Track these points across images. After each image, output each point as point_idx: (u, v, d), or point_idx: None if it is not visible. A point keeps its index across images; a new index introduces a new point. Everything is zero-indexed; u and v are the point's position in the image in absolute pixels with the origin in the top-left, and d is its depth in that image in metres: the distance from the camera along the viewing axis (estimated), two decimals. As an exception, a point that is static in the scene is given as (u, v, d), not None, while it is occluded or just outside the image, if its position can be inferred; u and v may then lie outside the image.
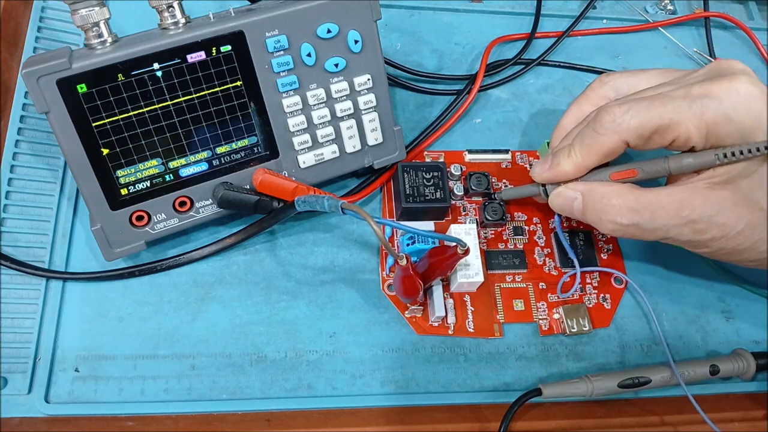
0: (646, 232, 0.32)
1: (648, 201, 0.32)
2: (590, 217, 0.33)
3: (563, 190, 0.34)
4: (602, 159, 0.33)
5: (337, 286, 0.38)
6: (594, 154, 0.33)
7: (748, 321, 0.40)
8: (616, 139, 0.31)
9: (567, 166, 0.33)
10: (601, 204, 0.33)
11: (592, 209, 0.33)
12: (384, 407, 0.35)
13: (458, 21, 0.48)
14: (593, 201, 0.33)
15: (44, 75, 0.30)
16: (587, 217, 0.33)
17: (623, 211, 0.32)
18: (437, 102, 0.45)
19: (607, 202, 0.32)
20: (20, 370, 0.33)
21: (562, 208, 0.35)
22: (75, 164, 0.32)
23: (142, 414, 0.33)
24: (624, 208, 0.32)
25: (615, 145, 0.32)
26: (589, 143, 0.32)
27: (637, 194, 0.32)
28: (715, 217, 0.31)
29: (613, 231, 0.33)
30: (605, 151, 0.32)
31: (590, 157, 0.33)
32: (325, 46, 0.34)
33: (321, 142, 0.37)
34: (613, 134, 0.31)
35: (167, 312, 0.36)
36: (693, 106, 0.29)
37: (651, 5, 0.52)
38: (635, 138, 0.31)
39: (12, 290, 0.35)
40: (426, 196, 0.37)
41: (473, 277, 0.35)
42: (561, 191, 0.34)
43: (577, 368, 0.37)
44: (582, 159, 0.33)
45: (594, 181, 0.33)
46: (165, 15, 0.32)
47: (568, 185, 0.34)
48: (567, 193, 0.34)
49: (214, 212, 0.36)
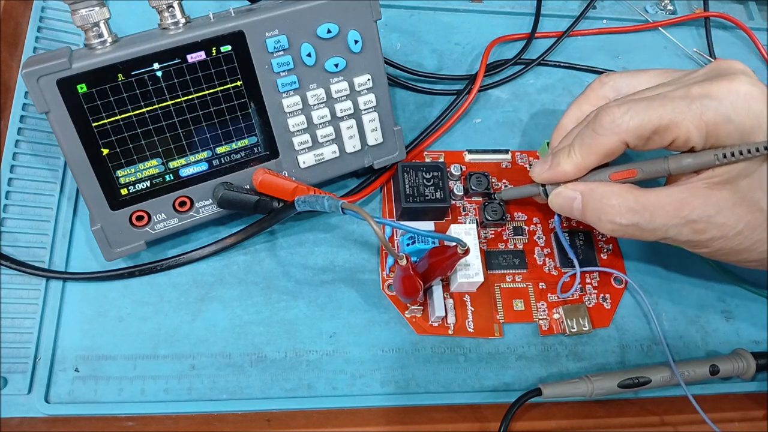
0: (645, 233, 0.32)
1: (647, 201, 0.32)
2: (590, 217, 0.33)
3: (563, 190, 0.34)
4: (602, 159, 0.33)
5: (337, 286, 0.38)
6: (593, 155, 0.33)
7: (748, 321, 0.40)
8: (615, 140, 0.31)
9: (567, 166, 0.33)
10: (600, 204, 0.33)
11: (591, 209, 0.33)
12: (384, 407, 0.35)
13: (458, 21, 0.48)
14: (593, 201, 0.33)
15: (44, 75, 0.30)
16: (587, 217, 0.33)
17: (623, 211, 0.32)
18: (437, 102, 0.45)
19: (606, 202, 0.32)
20: (20, 370, 0.33)
21: (562, 208, 0.35)
22: (75, 164, 0.32)
23: (142, 414, 0.33)
24: (623, 208, 0.32)
25: (614, 146, 0.32)
26: (589, 143, 0.32)
27: (636, 194, 0.32)
28: (714, 218, 0.31)
29: (613, 231, 0.33)
30: (605, 152, 0.32)
31: (590, 157, 0.33)
32: (325, 46, 0.34)
33: (321, 142, 0.37)
34: (613, 135, 0.31)
35: (167, 312, 0.36)
36: (692, 106, 0.29)
37: (651, 5, 0.52)
38: (635, 138, 0.31)
39: (12, 290, 0.35)
40: (426, 196, 0.37)
41: (473, 277, 0.35)
42: (561, 191, 0.34)
43: (577, 368, 0.37)
44: (582, 159, 0.33)
45: (594, 182, 0.34)
46: (165, 15, 0.32)
47: (567, 185, 0.34)
48: (567, 193, 0.34)
49: (214, 212, 0.36)
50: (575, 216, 0.34)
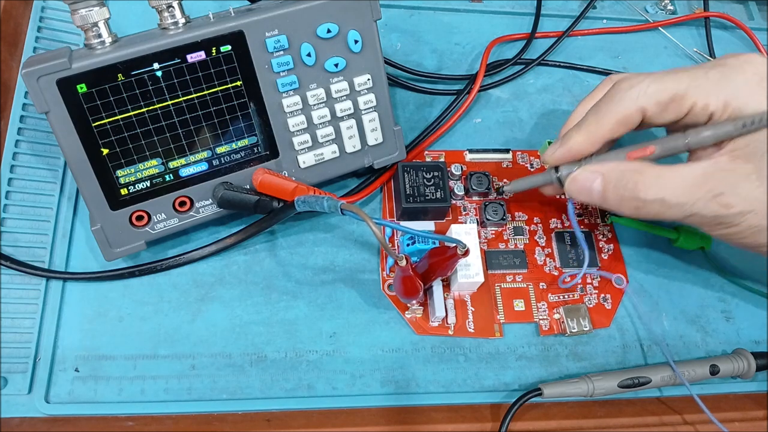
0: (671, 209, 0.31)
1: (671, 175, 0.30)
2: (611, 198, 0.31)
3: (580, 172, 0.32)
4: (615, 129, 0.32)
5: (337, 286, 0.38)
6: (607, 123, 0.31)
7: (748, 321, 0.40)
8: (632, 107, 0.31)
9: (579, 137, 0.32)
10: (622, 181, 0.31)
11: (613, 188, 0.31)
12: (384, 407, 0.35)
13: (458, 21, 0.48)
14: (614, 179, 0.31)
15: (44, 75, 0.30)
16: (608, 198, 0.32)
17: (646, 186, 0.30)
18: (437, 102, 0.45)
19: (629, 179, 0.31)
20: (20, 370, 0.33)
21: (581, 192, 0.33)
22: (75, 164, 0.32)
23: (142, 414, 0.33)
24: (646, 184, 0.30)
25: (630, 113, 0.31)
26: (604, 111, 0.31)
27: (658, 170, 0.31)
28: (740, 190, 0.29)
29: (637, 209, 0.31)
30: (620, 119, 0.31)
31: (603, 126, 0.31)
32: (325, 46, 0.34)
33: (321, 142, 0.37)
34: (630, 101, 0.30)
35: (167, 312, 0.36)
36: (710, 73, 0.29)
37: (651, 5, 0.52)
38: (652, 105, 0.30)
39: (12, 290, 0.35)
40: (426, 196, 0.37)
41: (473, 277, 0.35)
42: (578, 175, 0.33)
43: (577, 368, 0.37)
44: (595, 127, 0.32)
45: (612, 161, 0.32)
46: (165, 15, 0.32)
47: (585, 167, 0.32)
48: (584, 174, 0.32)
49: (214, 212, 0.36)
50: (594, 200, 0.32)
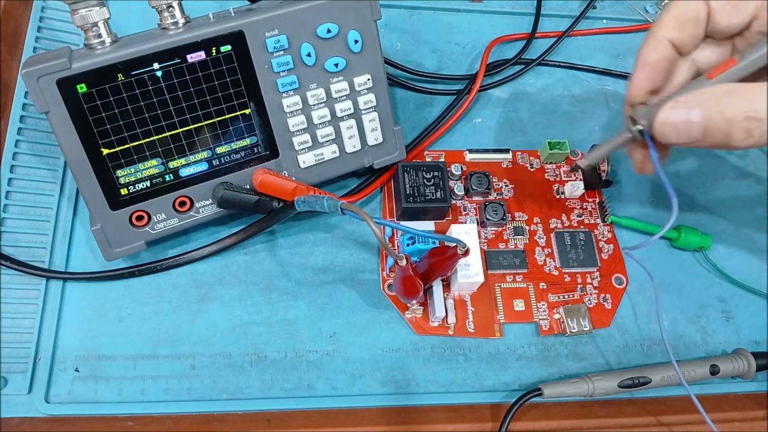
0: None
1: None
2: (716, 129, 0.27)
3: (671, 110, 0.28)
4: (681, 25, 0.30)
5: (337, 286, 0.38)
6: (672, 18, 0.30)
7: (748, 321, 0.40)
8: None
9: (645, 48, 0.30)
10: (726, 105, 0.27)
11: (716, 115, 0.27)
12: (384, 407, 0.35)
13: (458, 21, 0.48)
14: (715, 106, 0.27)
15: (44, 75, 0.30)
16: (711, 129, 0.27)
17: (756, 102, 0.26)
18: (437, 102, 0.45)
19: (732, 99, 0.27)
20: (20, 370, 0.33)
21: (678, 130, 0.28)
22: (75, 164, 0.32)
23: (142, 414, 0.33)
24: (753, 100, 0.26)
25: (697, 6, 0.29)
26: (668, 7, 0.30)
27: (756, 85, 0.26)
28: None
29: (750, 132, 0.26)
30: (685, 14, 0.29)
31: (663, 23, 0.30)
32: (325, 46, 0.34)
33: (321, 142, 0.37)
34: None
35: (167, 312, 0.36)
36: None
37: (651, 5, 0.52)
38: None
39: (12, 290, 0.35)
40: (426, 195, 0.37)
41: (473, 277, 0.35)
42: (669, 114, 0.28)
43: (577, 368, 0.37)
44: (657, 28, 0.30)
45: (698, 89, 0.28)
46: (165, 15, 0.32)
47: (676, 99, 0.28)
48: (677, 111, 0.28)
49: (214, 212, 0.36)
50: (693, 134, 0.28)
